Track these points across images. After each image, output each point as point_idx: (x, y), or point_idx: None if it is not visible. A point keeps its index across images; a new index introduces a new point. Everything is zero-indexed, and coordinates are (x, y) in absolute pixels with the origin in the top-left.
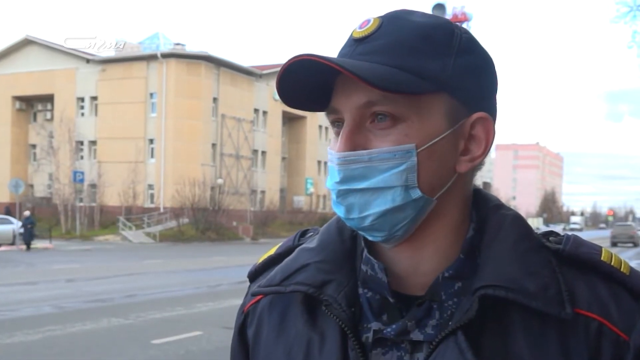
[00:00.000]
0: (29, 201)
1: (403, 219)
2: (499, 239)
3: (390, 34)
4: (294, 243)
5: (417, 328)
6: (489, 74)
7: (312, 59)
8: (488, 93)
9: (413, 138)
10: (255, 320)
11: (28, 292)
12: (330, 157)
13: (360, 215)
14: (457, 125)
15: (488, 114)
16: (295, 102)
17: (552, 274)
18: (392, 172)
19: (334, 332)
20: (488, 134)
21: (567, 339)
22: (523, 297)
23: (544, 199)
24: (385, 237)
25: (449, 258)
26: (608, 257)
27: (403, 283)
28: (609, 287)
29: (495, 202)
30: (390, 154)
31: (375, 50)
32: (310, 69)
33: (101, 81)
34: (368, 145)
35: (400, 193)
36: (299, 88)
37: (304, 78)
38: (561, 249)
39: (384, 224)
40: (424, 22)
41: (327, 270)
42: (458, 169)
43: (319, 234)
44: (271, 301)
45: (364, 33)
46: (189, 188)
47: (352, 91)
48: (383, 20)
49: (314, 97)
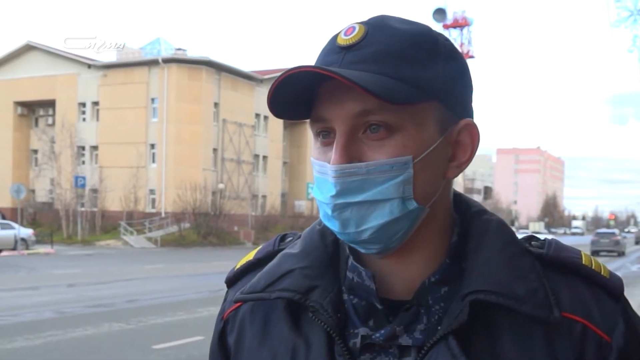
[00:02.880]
0: (31, 206)
1: (400, 230)
2: (485, 244)
3: (380, 42)
4: (274, 248)
5: (406, 333)
6: (469, 80)
7: (315, 70)
8: (470, 98)
9: (410, 149)
10: (236, 327)
11: (29, 297)
12: (320, 169)
13: (357, 229)
14: (447, 132)
15: (471, 119)
16: (281, 111)
17: (538, 278)
18: (389, 184)
19: (320, 338)
20: (473, 139)
21: (553, 342)
22: (513, 301)
23: (545, 204)
24: (381, 249)
25: (434, 263)
26: (588, 261)
27: (389, 288)
28: (591, 290)
29: (478, 207)
30: (388, 165)
31: (367, 58)
32: (298, 78)
33: (102, 86)
34: (362, 157)
35: (398, 205)
36: (284, 98)
37: (291, 87)
38: (544, 253)
39: (381, 237)
40: (407, 28)
41: (312, 276)
42: (447, 175)
43: (301, 239)
44: (252, 308)
45: (350, 40)
46: (190, 193)
47: (345, 100)
48: (368, 27)
49: (296, 106)
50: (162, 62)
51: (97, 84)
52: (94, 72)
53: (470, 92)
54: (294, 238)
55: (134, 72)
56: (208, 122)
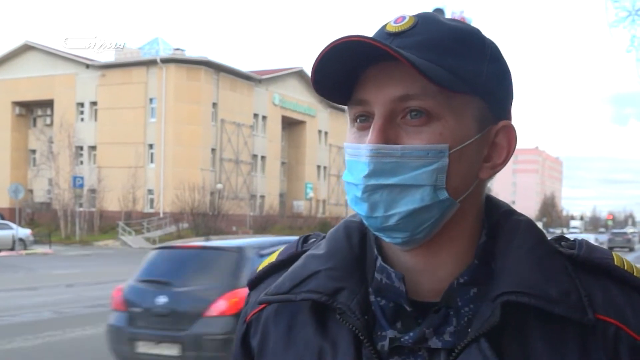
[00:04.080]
0: (29, 206)
1: (427, 220)
2: (515, 245)
3: (427, 32)
4: (297, 250)
5: (435, 335)
6: (511, 84)
7: (365, 40)
8: (510, 102)
9: (447, 138)
10: (259, 330)
11: (28, 298)
12: (353, 152)
13: (386, 213)
14: (485, 131)
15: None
16: (324, 89)
17: (570, 279)
18: (423, 170)
19: (347, 341)
20: (510, 142)
21: (586, 344)
22: (546, 303)
23: (544, 203)
24: (406, 239)
25: (462, 264)
26: (620, 262)
27: (417, 290)
28: (624, 292)
29: (506, 207)
30: (424, 151)
31: (413, 45)
32: (342, 56)
33: (101, 86)
34: (398, 141)
35: (429, 193)
36: (329, 74)
37: (335, 65)
38: (575, 254)
39: (408, 224)
40: (457, 25)
41: (338, 277)
42: (480, 175)
43: (326, 240)
44: (277, 310)
45: (400, 28)
46: (189, 193)
47: (388, 84)
48: (418, 18)
49: (338, 87)
50: (161, 62)
51: (96, 84)
52: (93, 72)
53: (511, 97)
54: (318, 239)
55: (133, 72)
56: (206, 122)
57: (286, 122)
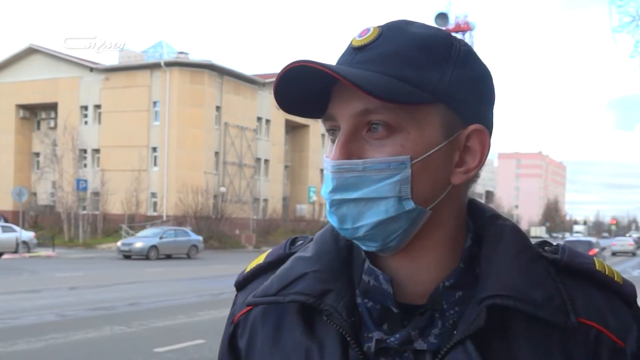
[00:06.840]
0: (32, 209)
1: (397, 230)
2: (500, 250)
3: (389, 44)
4: (285, 251)
5: (420, 337)
6: (486, 87)
7: (309, 65)
8: (484, 105)
9: (408, 149)
10: (247, 331)
11: (31, 300)
12: (325, 165)
13: (354, 225)
14: (453, 136)
15: (484, 125)
16: (293, 108)
17: (554, 283)
18: (385, 182)
19: (334, 342)
20: (483, 146)
21: (569, 347)
22: (530, 306)
23: (547, 208)
24: (380, 247)
25: (447, 267)
26: (602, 267)
27: (403, 292)
28: (605, 296)
29: (491, 212)
30: (385, 164)
31: (374, 59)
32: (309, 75)
33: (104, 89)
34: (363, 155)
35: (394, 204)
36: (297, 94)
37: (303, 84)
38: (558, 258)
39: (377, 235)
40: (422, 32)
41: (325, 279)
42: (452, 180)
43: (314, 242)
44: (264, 311)
45: (363, 42)
46: (192, 196)
47: (349, 99)
48: (383, 29)
49: (312, 104)
50: (165, 65)
51: (99, 87)
52: (96, 75)
53: (487, 99)
54: (305, 241)
55: (136, 75)
56: (210, 126)
57: (289, 125)
